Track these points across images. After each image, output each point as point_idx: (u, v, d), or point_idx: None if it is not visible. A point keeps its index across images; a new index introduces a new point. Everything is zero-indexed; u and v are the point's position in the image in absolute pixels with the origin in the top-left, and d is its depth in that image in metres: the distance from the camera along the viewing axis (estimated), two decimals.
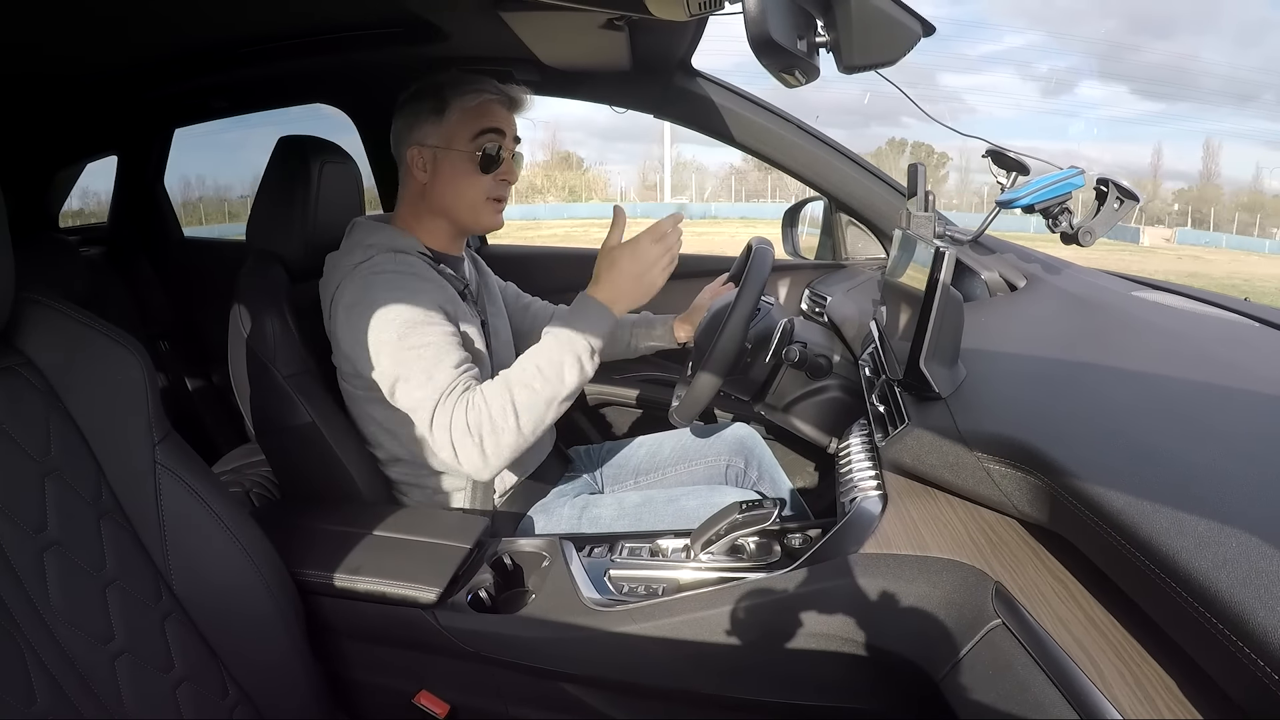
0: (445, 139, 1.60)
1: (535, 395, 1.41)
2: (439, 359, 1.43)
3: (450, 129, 1.60)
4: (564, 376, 1.43)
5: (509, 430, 1.40)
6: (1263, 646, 0.61)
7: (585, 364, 1.45)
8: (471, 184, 1.62)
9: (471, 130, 1.60)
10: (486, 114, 1.62)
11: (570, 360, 1.43)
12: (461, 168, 1.61)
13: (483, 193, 1.64)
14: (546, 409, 1.43)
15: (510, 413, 1.40)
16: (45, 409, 1.05)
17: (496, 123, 1.63)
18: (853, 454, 1.44)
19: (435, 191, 1.63)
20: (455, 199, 1.63)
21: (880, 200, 2.36)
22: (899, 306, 1.46)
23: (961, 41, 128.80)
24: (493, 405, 1.40)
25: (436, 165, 1.62)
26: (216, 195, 33.17)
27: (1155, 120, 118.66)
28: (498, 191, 1.66)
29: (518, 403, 1.40)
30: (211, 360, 3.24)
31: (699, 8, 1.07)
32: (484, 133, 1.61)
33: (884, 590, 1.10)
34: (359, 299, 1.46)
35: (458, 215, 1.66)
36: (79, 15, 1.53)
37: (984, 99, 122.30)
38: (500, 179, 1.65)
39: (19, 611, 0.96)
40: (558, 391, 1.43)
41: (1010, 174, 1.94)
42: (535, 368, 1.43)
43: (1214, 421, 0.99)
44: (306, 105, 2.67)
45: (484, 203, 1.65)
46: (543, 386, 1.42)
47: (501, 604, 1.35)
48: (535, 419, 1.42)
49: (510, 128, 1.67)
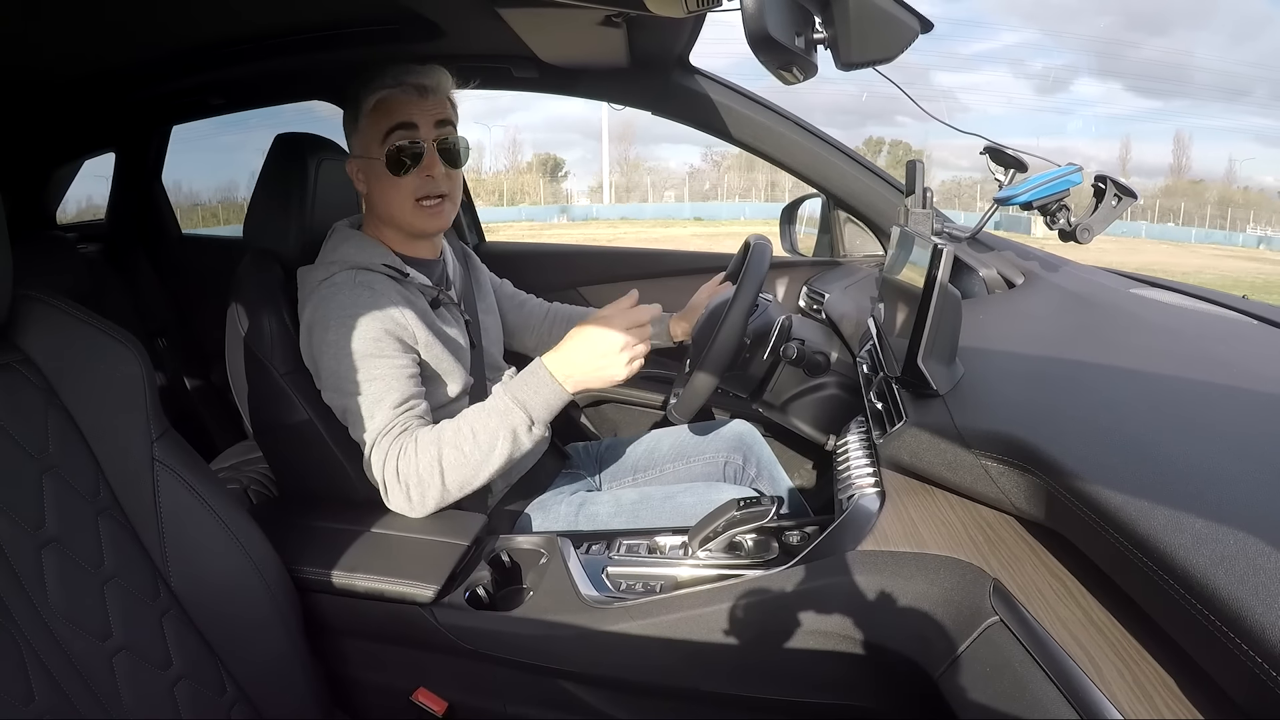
0: (364, 147, 1.55)
1: (464, 459, 1.40)
2: (380, 397, 1.42)
3: (364, 136, 1.55)
4: (495, 447, 1.41)
5: (434, 486, 1.40)
6: (1260, 643, 0.61)
7: (521, 437, 1.42)
8: (392, 188, 1.54)
9: (380, 132, 1.52)
10: (389, 110, 1.52)
11: (505, 433, 1.41)
12: (382, 174, 1.54)
13: (407, 195, 1.54)
14: (475, 473, 1.41)
15: (436, 471, 1.39)
16: (43, 406, 1.05)
17: (402, 117, 1.52)
18: (850, 451, 1.44)
19: (372, 202, 1.60)
20: (386, 207, 1.57)
21: (878, 197, 2.35)
22: (897, 304, 1.46)
23: (957, 40, 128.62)
24: (421, 459, 1.39)
25: (367, 175, 1.57)
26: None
27: (1149, 117, 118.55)
28: (424, 190, 1.55)
29: (445, 463, 1.39)
30: (209, 357, 3.24)
31: (697, 4, 1.07)
32: (392, 131, 1.52)
33: (882, 588, 1.10)
34: (315, 321, 1.46)
35: (396, 223, 1.59)
36: (76, 13, 1.53)
37: (979, 97, 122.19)
38: (424, 175, 1.54)
39: (17, 608, 0.96)
40: (486, 459, 1.41)
41: (1008, 171, 1.94)
42: (470, 431, 1.41)
43: (1212, 419, 0.99)
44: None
45: (412, 206, 1.56)
46: (472, 451, 1.40)
47: (499, 601, 1.35)
48: (461, 480, 1.41)
49: (426, 117, 1.54)
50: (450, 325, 1.62)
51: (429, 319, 1.54)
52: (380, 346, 1.43)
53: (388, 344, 1.44)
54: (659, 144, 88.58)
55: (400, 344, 1.47)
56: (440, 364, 1.55)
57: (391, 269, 1.53)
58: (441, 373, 1.56)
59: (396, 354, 1.45)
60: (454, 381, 1.58)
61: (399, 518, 1.45)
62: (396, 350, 1.46)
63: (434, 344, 1.52)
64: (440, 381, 1.57)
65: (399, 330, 1.47)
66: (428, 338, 1.51)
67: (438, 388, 1.56)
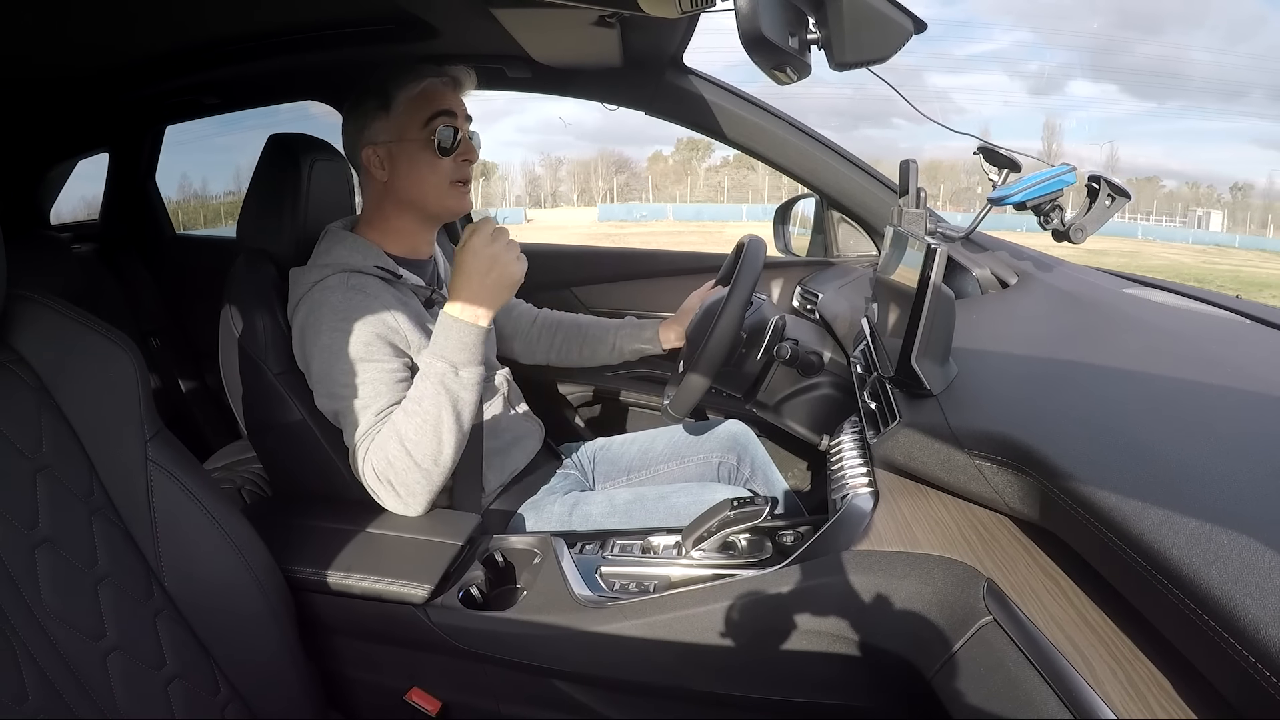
0: (396, 132, 1.59)
1: (419, 429, 1.41)
2: (368, 403, 1.44)
3: (399, 121, 1.59)
4: (439, 405, 1.41)
5: (409, 469, 1.41)
6: (1254, 643, 0.61)
7: (452, 385, 1.43)
8: (432, 170, 1.61)
9: (422, 117, 1.59)
10: (433, 98, 1.60)
11: (437, 389, 1.42)
12: (419, 156, 1.60)
13: (445, 176, 1.62)
14: (435, 439, 1.41)
15: (402, 452, 1.40)
16: (37, 406, 1.05)
17: (445, 105, 1.61)
18: (844, 451, 1.45)
19: (397, 186, 1.62)
20: (419, 189, 1.62)
21: (872, 197, 2.35)
22: (890, 304, 1.46)
23: (951, 41, 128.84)
24: (389, 447, 1.41)
25: (393, 160, 1.60)
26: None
27: (1146, 118, 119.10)
28: (460, 173, 1.64)
29: (407, 442, 1.40)
30: (203, 357, 3.24)
31: (690, 4, 1.07)
32: (435, 117, 1.59)
33: (875, 588, 1.11)
34: (307, 324, 1.47)
35: (425, 205, 1.64)
36: (69, 13, 1.53)
37: (973, 98, 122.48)
38: (461, 159, 1.63)
39: (10, 608, 0.96)
40: (438, 421, 1.41)
41: (1002, 171, 1.94)
42: (414, 401, 1.43)
43: (1206, 418, 0.99)
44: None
45: (448, 187, 1.63)
46: (421, 421, 1.41)
47: (493, 601, 1.35)
48: (430, 451, 1.41)
49: (460, 108, 1.65)
50: None
51: (422, 320, 1.55)
52: (371, 350, 1.45)
53: (379, 348, 1.45)
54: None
55: (392, 348, 1.48)
56: None
57: (384, 271, 1.54)
58: None
59: (387, 358, 1.46)
60: None
61: (392, 517, 1.45)
62: (387, 354, 1.47)
63: (426, 344, 1.52)
64: None
65: (391, 334, 1.48)
66: (420, 339, 1.51)
67: None
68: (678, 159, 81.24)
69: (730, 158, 76.34)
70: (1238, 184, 67.18)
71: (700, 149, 79.48)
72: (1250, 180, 76.79)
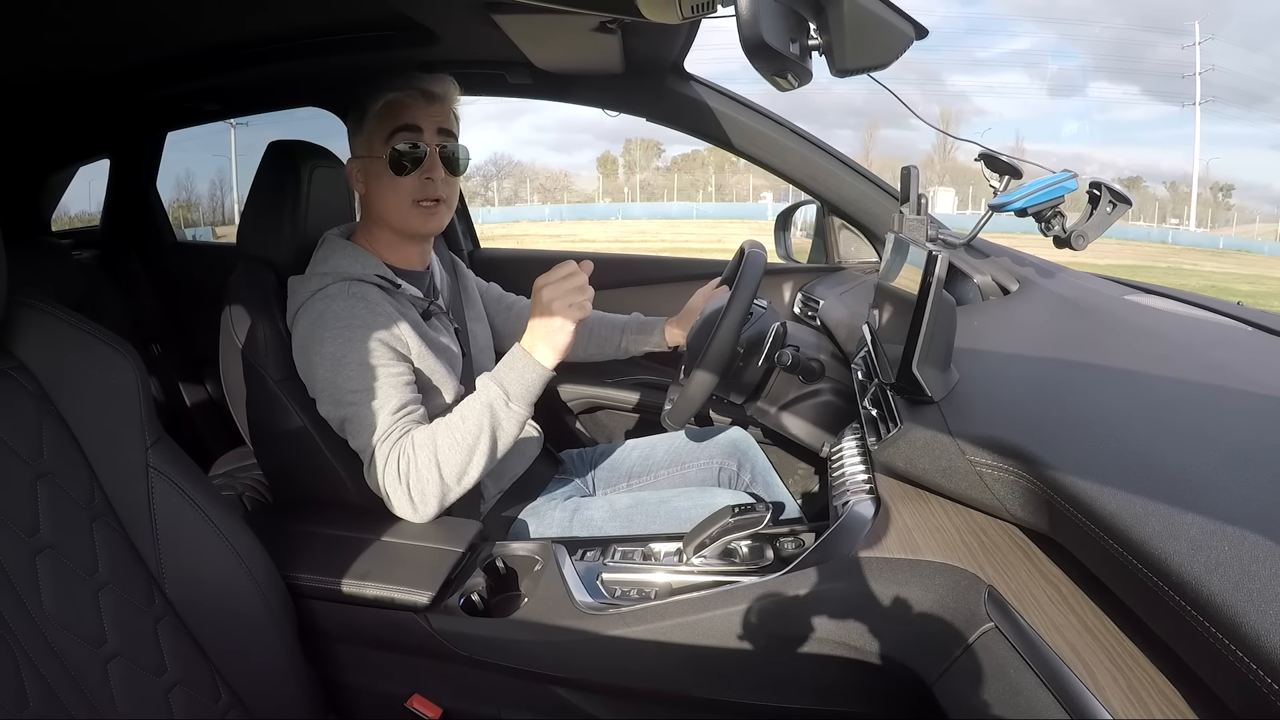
0: (366, 146, 1.58)
1: (455, 444, 1.41)
2: (379, 406, 1.43)
3: (368, 135, 1.57)
4: (482, 426, 1.42)
5: (433, 481, 1.41)
6: (1255, 650, 0.61)
7: (499, 412, 1.43)
8: (393, 189, 1.57)
9: (385, 132, 1.55)
10: (396, 112, 1.56)
11: (484, 410, 1.43)
12: (382, 174, 1.57)
13: (405, 196, 1.57)
14: (468, 459, 1.42)
15: (433, 463, 1.40)
16: (38, 413, 1.05)
17: (407, 119, 1.56)
18: (845, 457, 1.45)
19: (369, 202, 1.61)
20: (383, 206, 1.59)
21: (873, 204, 2.36)
22: (891, 310, 1.46)
23: (972, 42, 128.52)
24: (419, 455, 1.41)
25: (366, 175, 1.59)
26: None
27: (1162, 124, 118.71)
28: (424, 193, 1.58)
29: (440, 454, 1.41)
30: (204, 364, 3.23)
31: (691, 10, 1.07)
32: (396, 132, 1.55)
33: (877, 594, 1.10)
34: (309, 333, 1.46)
35: (391, 223, 1.61)
36: (71, 19, 1.53)
37: (994, 100, 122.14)
38: (424, 178, 1.57)
39: (11, 615, 0.96)
40: (476, 442, 1.42)
41: (1003, 178, 1.94)
42: (459, 416, 1.44)
43: (1207, 425, 0.99)
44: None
45: (410, 206, 1.58)
46: (462, 435, 1.41)
47: (494, 607, 1.35)
48: (457, 468, 1.42)
49: (430, 121, 1.58)
50: (442, 334, 1.63)
51: (421, 329, 1.55)
52: (376, 356, 1.44)
53: (383, 354, 1.45)
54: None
55: (395, 354, 1.47)
56: (434, 374, 1.55)
57: (384, 280, 1.54)
58: (435, 382, 1.56)
59: (392, 362, 1.46)
60: (447, 390, 1.58)
61: (394, 524, 1.45)
62: (392, 359, 1.46)
63: (426, 354, 1.53)
64: (434, 390, 1.57)
65: (393, 340, 1.47)
66: (420, 348, 1.52)
67: (431, 397, 1.56)
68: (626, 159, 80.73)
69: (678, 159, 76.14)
70: (1218, 184, 67.11)
71: (651, 149, 79.03)
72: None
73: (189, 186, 20.15)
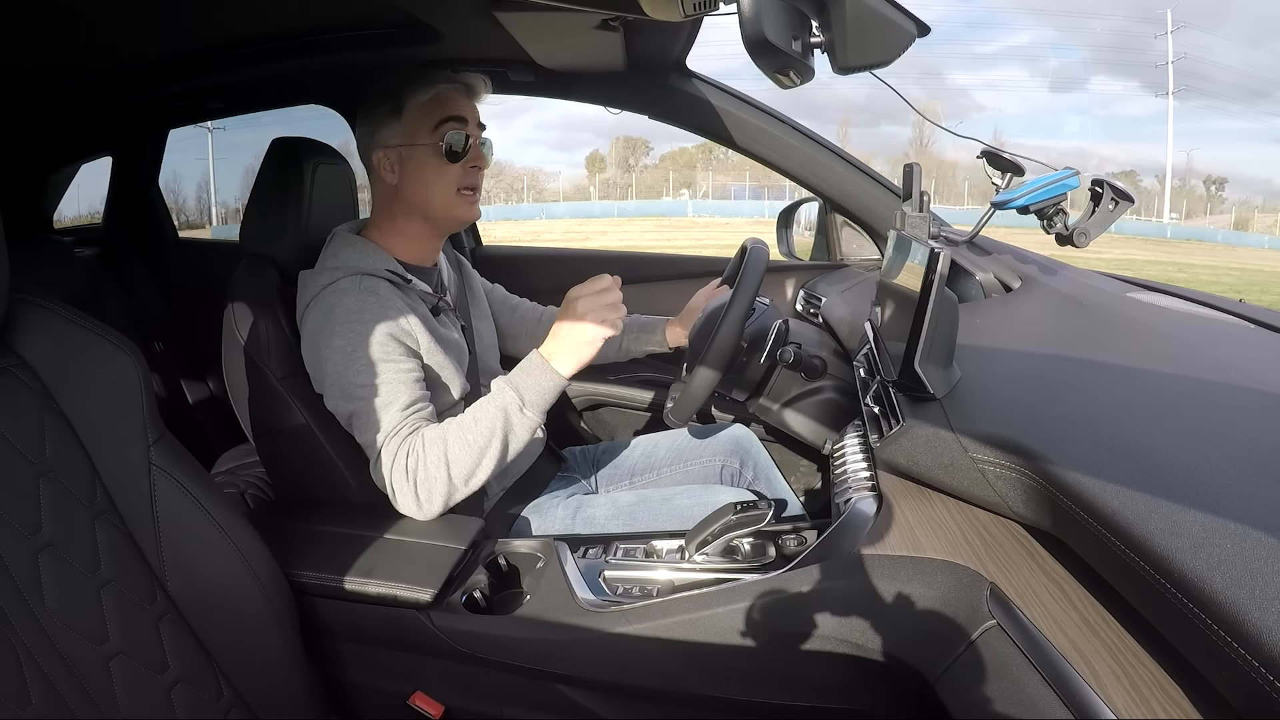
0: (407, 136, 1.59)
1: (467, 446, 1.42)
2: (389, 401, 1.43)
3: (410, 125, 1.59)
4: (494, 429, 1.43)
5: (440, 480, 1.41)
6: (1257, 647, 0.61)
7: (512, 417, 1.45)
8: (440, 176, 1.60)
9: (431, 122, 1.58)
10: (444, 104, 1.60)
11: (498, 413, 1.44)
12: (428, 161, 1.59)
13: (453, 183, 1.61)
14: (478, 460, 1.43)
15: (443, 463, 1.41)
16: (40, 410, 1.05)
17: (455, 110, 1.60)
18: (848, 455, 1.45)
19: (405, 191, 1.62)
20: (426, 194, 1.61)
21: (875, 201, 2.35)
22: (894, 307, 1.46)
23: (973, 38, 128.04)
24: (429, 453, 1.41)
25: (403, 164, 1.60)
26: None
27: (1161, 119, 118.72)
28: (468, 180, 1.63)
29: (450, 454, 1.42)
30: (206, 361, 3.23)
31: (694, 8, 1.07)
32: (444, 122, 1.59)
33: (879, 591, 1.10)
34: (320, 327, 1.46)
35: (431, 211, 1.63)
36: (74, 17, 1.53)
37: (995, 96, 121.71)
38: (470, 166, 1.63)
39: (13, 612, 0.96)
40: (488, 444, 1.43)
41: (1005, 175, 1.94)
42: (472, 418, 1.45)
43: (1209, 423, 0.99)
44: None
45: (455, 194, 1.62)
46: (475, 438, 1.42)
47: (496, 605, 1.35)
48: (466, 469, 1.42)
49: (472, 114, 1.64)
50: (451, 331, 1.63)
51: (430, 325, 1.55)
52: (387, 351, 1.44)
53: (394, 348, 1.45)
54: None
55: (405, 349, 1.48)
56: (442, 370, 1.56)
57: (395, 275, 1.54)
58: (443, 378, 1.57)
59: (403, 358, 1.47)
60: (454, 387, 1.59)
61: (396, 521, 1.45)
62: (402, 354, 1.47)
63: (435, 350, 1.53)
64: (441, 387, 1.57)
65: (404, 336, 1.48)
66: (430, 344, 1.52)
67: (439, 394, 1.57)
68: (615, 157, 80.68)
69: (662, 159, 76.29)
70: (1211, 177, 66.99)
71: (637, 147, 79.06)
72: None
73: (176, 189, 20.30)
